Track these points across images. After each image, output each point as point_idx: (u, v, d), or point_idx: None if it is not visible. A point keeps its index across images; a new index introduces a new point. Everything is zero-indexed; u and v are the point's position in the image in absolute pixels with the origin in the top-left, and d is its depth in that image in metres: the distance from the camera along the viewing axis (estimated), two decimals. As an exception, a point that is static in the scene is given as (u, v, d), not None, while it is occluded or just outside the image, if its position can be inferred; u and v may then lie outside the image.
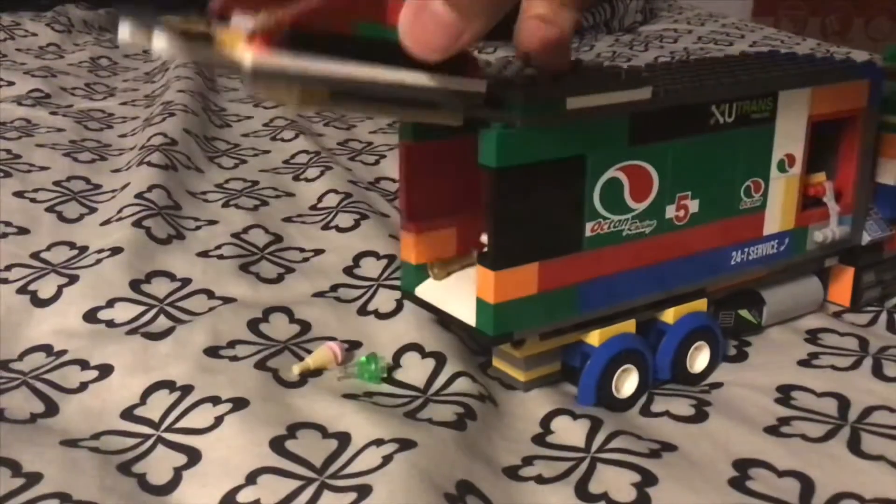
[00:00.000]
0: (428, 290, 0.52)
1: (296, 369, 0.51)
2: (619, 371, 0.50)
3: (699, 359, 0.53)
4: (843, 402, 0.49)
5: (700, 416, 0.48)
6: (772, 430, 0.47)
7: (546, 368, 0.51)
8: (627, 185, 0.48)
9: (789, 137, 0.53)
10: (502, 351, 0.51)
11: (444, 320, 0.51)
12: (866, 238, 0.59)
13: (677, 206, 0.50)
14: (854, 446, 0.45)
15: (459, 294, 0.49)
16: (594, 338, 0.50)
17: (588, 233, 0.47)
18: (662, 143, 0.48)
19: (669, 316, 0.52)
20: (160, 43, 0.37)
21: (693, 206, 0.51)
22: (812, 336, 0.57)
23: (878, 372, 0.52)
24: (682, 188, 0.50)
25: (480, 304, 0.46)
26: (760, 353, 0.55)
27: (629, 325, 0.51)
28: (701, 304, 0.53)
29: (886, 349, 0.55)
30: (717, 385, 0.52)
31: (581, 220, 0.47)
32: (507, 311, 0.46)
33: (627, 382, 0.50)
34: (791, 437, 0.46)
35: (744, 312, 0.56)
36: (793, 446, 0.46)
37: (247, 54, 0.37)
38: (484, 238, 0.46)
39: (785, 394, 0.50)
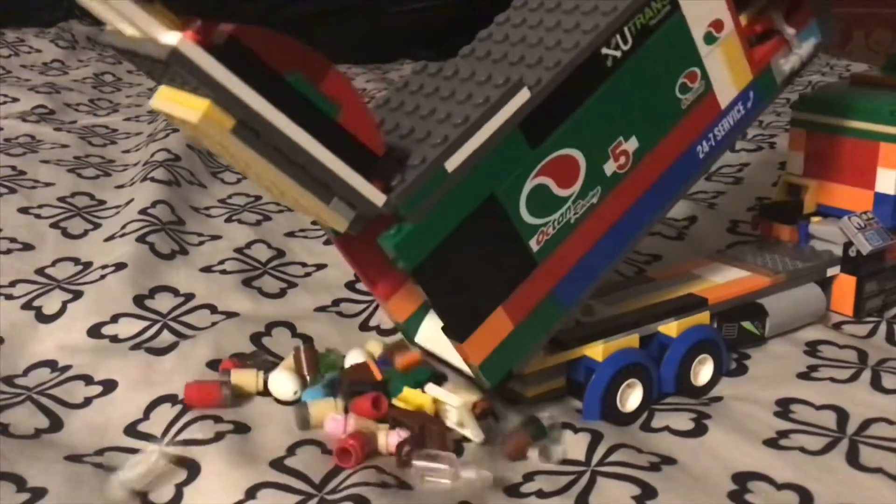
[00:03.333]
0: (426, 338, 0.51)
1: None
2: (624, 385, 0.50)
3: (703, 371, 0.53)
4: (842, 415, 0.50)
5: (700, 429, 0.49)
6: (771, 444, 0.47)
7: (551, 384, 0.51)
8: (552, 181, 0.46)
9: (704, 9, 0.50)
10: None
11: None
12: (867, 248, 0.59)
13: (614, 157, 0.48)
14: (853, 459, 0.46)
15: None
16: (598, 352, 0.50)
17: (535, 247, 0.46)
18: (566, 122, 0.46)
19: (672, 329, 0.53)
20: None
21: (631, 146, 0.48)
22: (811, 348, 0.57)
23: (876, 384, 0.52)
24: (610, 140, 0.48)
25: (469, 365, 0.46)
26: (760, 367, 0.55)
27: (633, 340, 0.51)
28: (703, 317, 0.54)
29: (885, 361, 0.55)
30: (717, 399, 0.52)
31: (521, 243, 0.46)
32: (494, 361, 0.46)
33: (632, 396, 0.50)
34: (790, 450, 0.47)
35: (747, 324, 0.57)
36: (792, 459, 0.46)
37: (174, 35, 0.36)
38: None
39: (784, 407, 0.51)
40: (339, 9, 1.56)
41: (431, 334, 0.50)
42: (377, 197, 0.42)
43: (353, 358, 0.53)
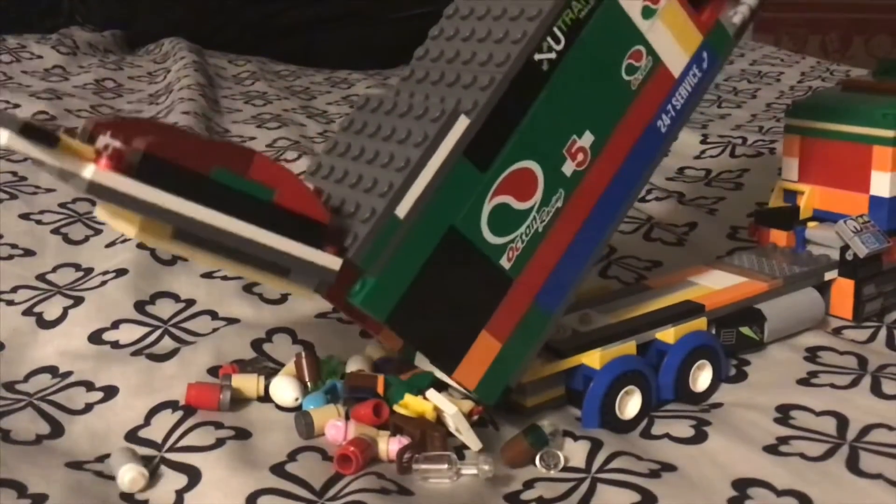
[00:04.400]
0: (423, 360, 0.51)
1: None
2: (622, 393, 0.50)
3: (701, 377, 0.53)
4: (842, 421, 0.50)
5: (700, 436, 0.49)
6: (771, 450, 0.47)
7: (550, 393, 0.51)
8: (510, 198, 0.46)
9: None
10: None
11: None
12: (864, 250, 0.59)
13: (571, 157, 0.47)
14: (852, 465, 0.46)
15: None
16: (595, 360, 0.50)
17: (507, 265, 0.46)
18: (512, 137, 0.46)
19: (670, 336, 0.53)
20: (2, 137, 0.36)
21: (586, 141, 0.48)
22: (811, 354, 0.57)
23: (876, 390, 0.52)
24: (563, 142, 0.47)
25: (465, 389, 0.47)
26: (760, 373, 0.56)
27: (630, 347, 0.51)
28: (700, 323, 0.54)
29: (885, 367, 0.55)
30: (717, 405, 0.52)
31: (492, 265, 0.46)
32: (489, 380, 0.46)
33: (631, 404, 0.51)
34: (790, 456, 0.47)
35: (745, 329, 0.57)
36: (792, 465, 0.46)
37: (89, 168, 0.36)
38: None
39: (784, 413, 0.51)
40: (338, 15, 1.57)
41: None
42: (332, 263, 0.42)
43: (354, 364, 0.53)
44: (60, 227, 0.75)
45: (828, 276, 0.61)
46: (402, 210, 0.43)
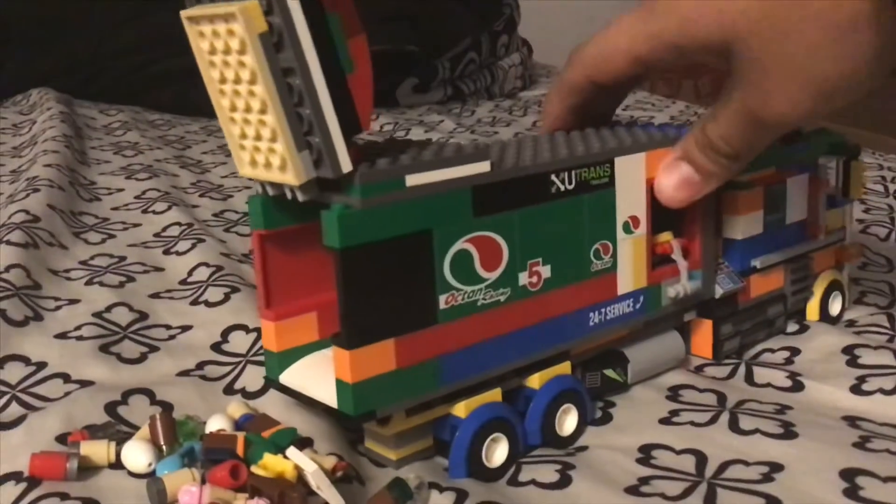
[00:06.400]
0: (291, 376, 0.51)
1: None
2: (489, 440, 0.50)
3: (567, 421, 0.54)
4: (701, 459, 0.50)
5: (565, 481, 0.49)
6: (632, 491, 0.48)
7: (418, 444, 0.51)
8: (477, 255, 0.48)
9: (631, 200, 0.55)
10: (372, 430, 0.51)
11: (310, 404, 0.50)
12: (719, 291, 0.61)
13: (529, 272, 0.51)
14: (710, 502, 0.46)
15: (322, 377, 0.49)
16: (461, 409, 0.50)
17: (442, 305, 0.48)
18: (507, 212, 0.49)
19: (535, 381, 0.53)
20: None
21: (545, 271, 0.52)
22: (673, 393, 0.58)
23: (734, 426, 0.54)
24: (532, 255, 0.51)
25: (340, 384, 0.46)
26: (624, 414, 0.56)
27: (495, 395, 0.51)
28: (565, 367, 0.54)
29: (743, 403, 0.57)
30: (583, 448, 0.53)
31: (433, 293, 0.47)
32: (366, 389, 0.46)
33: (498, 451, 0.50)
34: (650, 496, 0.47)
35: (609, 372, 0.58)
36: (652, 506, 0.46)
37: None
38: None
39: (646, 453, 0.51)
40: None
41: (305, 369, 0.51)
42: (346, 164, 0.43)
43: (214, 424, 0.51)
44: None
45: (687, 316, 0.62)
46: (411, 180, 0.45)
